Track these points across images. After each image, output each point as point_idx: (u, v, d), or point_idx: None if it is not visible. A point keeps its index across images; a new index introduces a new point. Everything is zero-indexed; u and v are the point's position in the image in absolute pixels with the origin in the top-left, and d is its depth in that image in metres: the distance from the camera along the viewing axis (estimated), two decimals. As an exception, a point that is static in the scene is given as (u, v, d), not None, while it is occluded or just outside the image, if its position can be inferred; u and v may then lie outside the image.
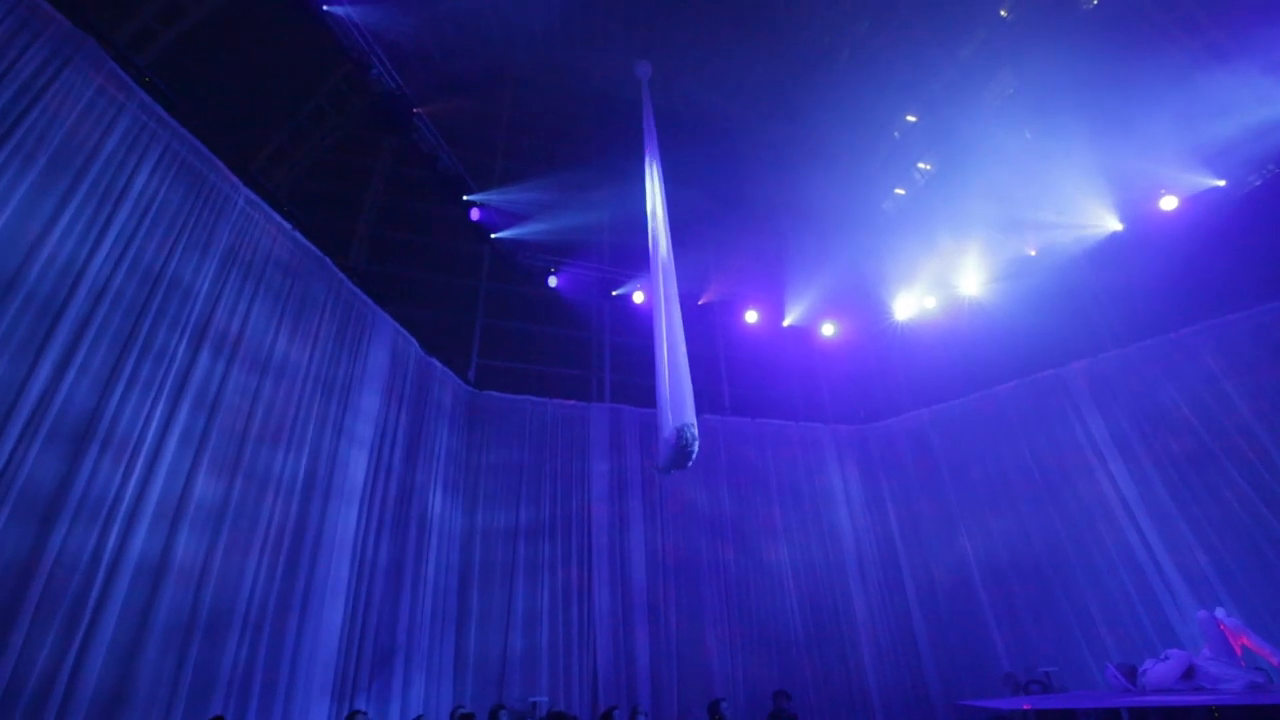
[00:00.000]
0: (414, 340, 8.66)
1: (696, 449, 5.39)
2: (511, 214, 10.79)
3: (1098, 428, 9.51)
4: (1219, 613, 6.42)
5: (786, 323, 12.32)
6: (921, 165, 13.20)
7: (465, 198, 10.40)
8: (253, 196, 6.66)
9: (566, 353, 11.17)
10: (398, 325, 8.40)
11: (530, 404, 9.83)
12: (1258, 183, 9.37)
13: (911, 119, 13.00)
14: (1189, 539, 8.26)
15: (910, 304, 12.16)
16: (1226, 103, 8.73)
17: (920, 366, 11.99)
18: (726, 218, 12.33)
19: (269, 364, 6.35)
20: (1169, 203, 9.86)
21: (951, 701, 8.89)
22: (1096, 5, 10.46)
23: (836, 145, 12.78)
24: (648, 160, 7.72)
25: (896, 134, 13.26)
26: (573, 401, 10.18)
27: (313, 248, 7.31)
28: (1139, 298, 9.95)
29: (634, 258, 11.70)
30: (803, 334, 12.57)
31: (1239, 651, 6.15)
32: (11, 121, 4.52)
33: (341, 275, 7.63)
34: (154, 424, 5.04)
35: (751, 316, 12.17)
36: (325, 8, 8.41)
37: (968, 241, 11.56)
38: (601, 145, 12.32)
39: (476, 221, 10.59)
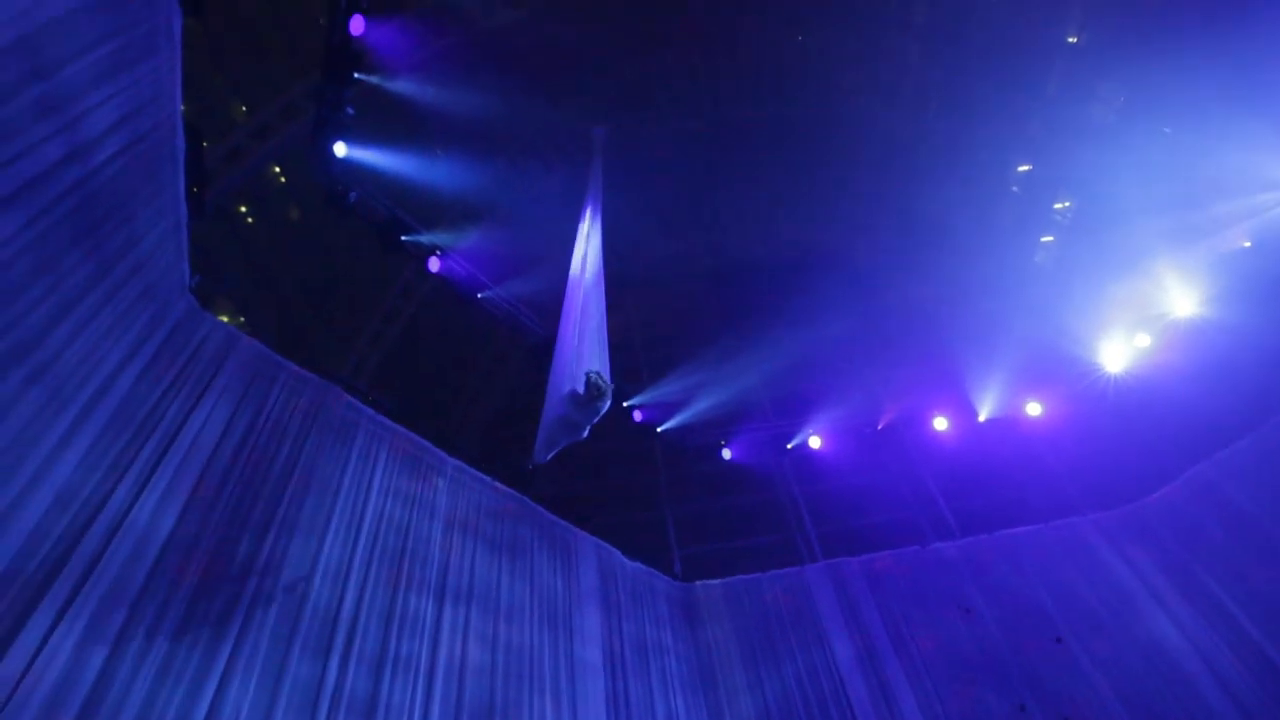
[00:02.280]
0: (616, 550, 8.90)
1: (608, 402, 4.83)
2: (669, 405, 11.35)
3: None
4: None
5: (982, 418, 11.08)
6: (1059, 205, 12.32)
7: (625, 404, 11.20)
8: (458, 463, 7.71)
9: (762, 519, 10.85)
10: (599, 540, 8.75)
11: (743, 583, 9.39)
12: None
13: (1024, 168, 12.48)
14: None
15: (1120, 350, 10.54)
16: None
17: (1167, 414, 9.98)
18: (877, 333, 11.98)
19: (499, 608, 6.82)
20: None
21: None
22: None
23: (958, 222, 12.37)
24: (589, 212, 7.65)
25: (1015, 188, 12.70)
26: (787, 570, 9.58)
27: (511, 491, 8.12)
28: None
29: (796, 406, 11.61)
30: (1006, 424, 11.14)
31: None
32: (282, 470, 5.76)
33: (539, 508, 8.29)
34: (419, 697, 5.47)
35: (941, 423, 11.14)
36: (479, 295, 10.25)
37: (1153, 263, 10.16)
38: (733, 311, 12.93)
39: (641, 422, 11.23)
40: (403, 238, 9.34)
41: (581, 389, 4.82)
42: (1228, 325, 9.46)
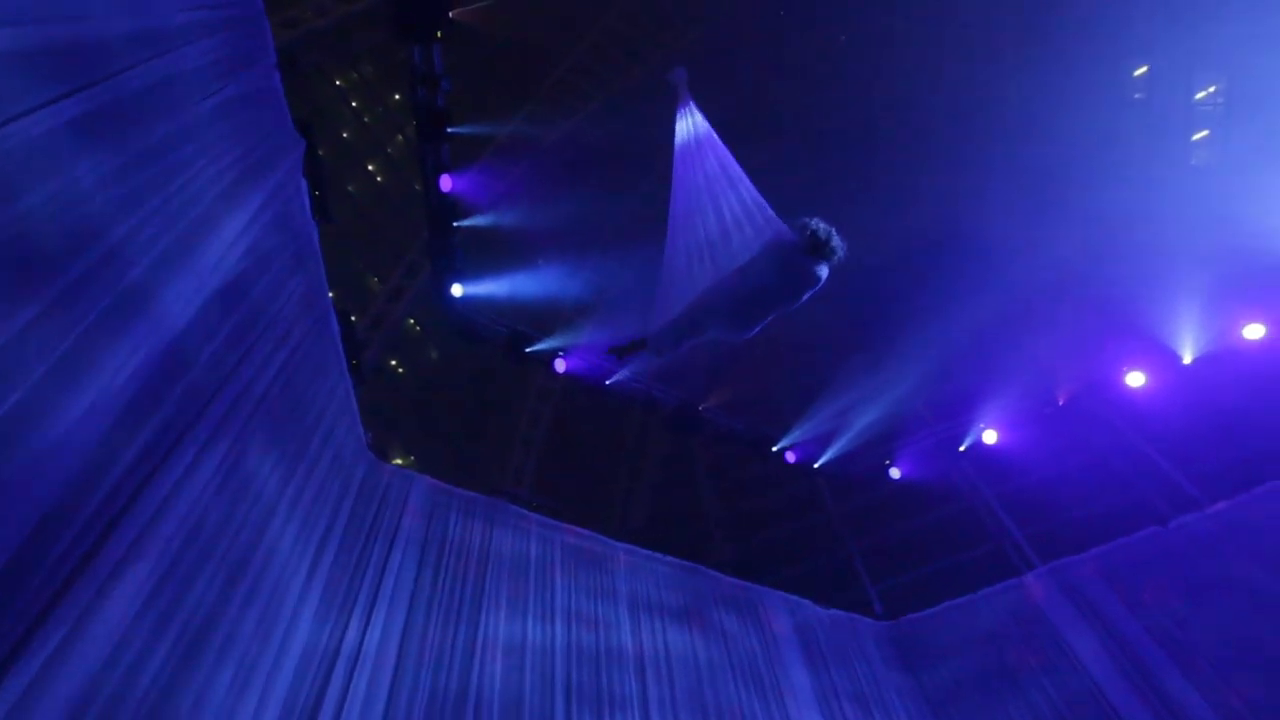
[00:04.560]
0: (805, 600, 8.50)
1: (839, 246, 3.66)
2: (820, 439, 10.92)
3: None
4: None
5: (1187, 359, 9.34)
6: (1201, 94, 10.74)
7: (774, 449, 10.93)
8: (628, 546, 7.91)
9: (958, 534, 9.84)
10: (785, 594, 8.42)
11: (957, 609, 8.45)
12: None
13: (1141, 71, 11.13)
14: None
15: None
16: None
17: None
18: (1025, 304, 10.75)
19: (701, 677, 6.73)
20: None
21: None
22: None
23: (1083, 160, 11.03)
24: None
25: (1138, 95, 11.30)
26: (1004, 584, 8.51)
27: (686, 562, 8.13)
28: None
29: (957, 404, 10.66)
30: (1222, 359, 9.19)
31: None
32: (473, 590, 6.25)
33: (717, 574, 8.20)
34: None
35: (1136, 379, 9.56)
36: (607, 382, 10.71)
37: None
38: (857, 333, 12.36)
39: (796, 463, 10.88)
40: (527, 349, 10.11)
41: (796, 236, 3.72)
42: None
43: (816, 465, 10.87)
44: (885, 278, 12.57)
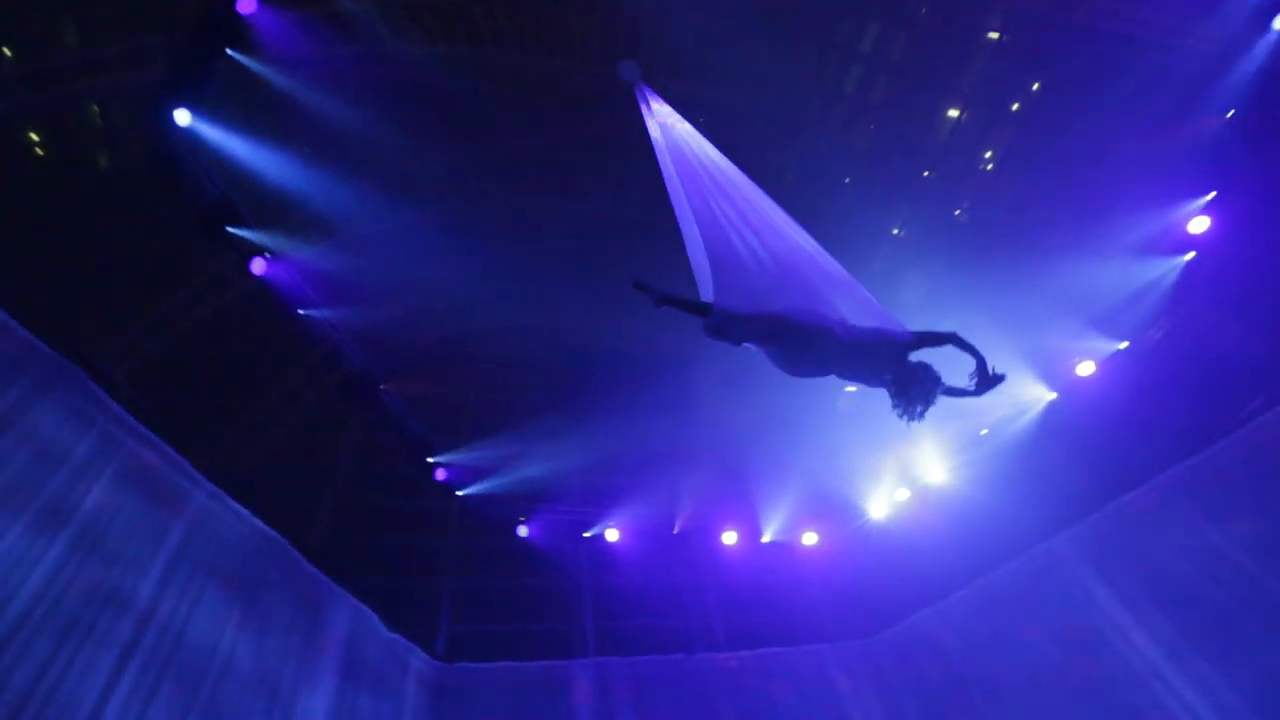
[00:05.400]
0: (374, 616, 8.14)
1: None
2: (479, 469, 10.97)
3: (1106, 596, 9.05)
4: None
5: (766, 539, 12.03)
6: (857, 376, 14.23)
7: (429, 460, 10.64)
8: (214, 489, 6.74)
9: (544, 606, 10.54)
10: (358, 603, 7.96)
11: (504, 671, 8.93)
12: (1158, 335, 10.33)
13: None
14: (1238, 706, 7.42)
15: (883, 501, 12.15)
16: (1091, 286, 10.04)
17: (910, 565, 11.54)
18: (693, 440, 12.51)
19: (216, 651, 5.87)
20: (1086, 368, 10.66)
21: None
22: (966, 218, 12.47)
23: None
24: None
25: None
26: (553, 662, 9.29)
27: (273, 533, 7.22)
28: (1098, 456, 10.17)
29: (605, 496, 11.74)
30: (784, 549, 12.19)
31: None
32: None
33: (299, 555, 7.44)
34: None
35: (730, 538, 11.90)
36: (301, 311, 9.45)
37: (919, 434, 12.01)
38: (567, 391, 12.95)
39: (443, 481, 10.70)
40: (229, 227, 8.49)
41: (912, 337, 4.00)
42: (962, 493, 11.36)
43: (460, 493, 10.83)
44: (609, 366, 13.53)
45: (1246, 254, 8.92)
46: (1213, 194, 9.20)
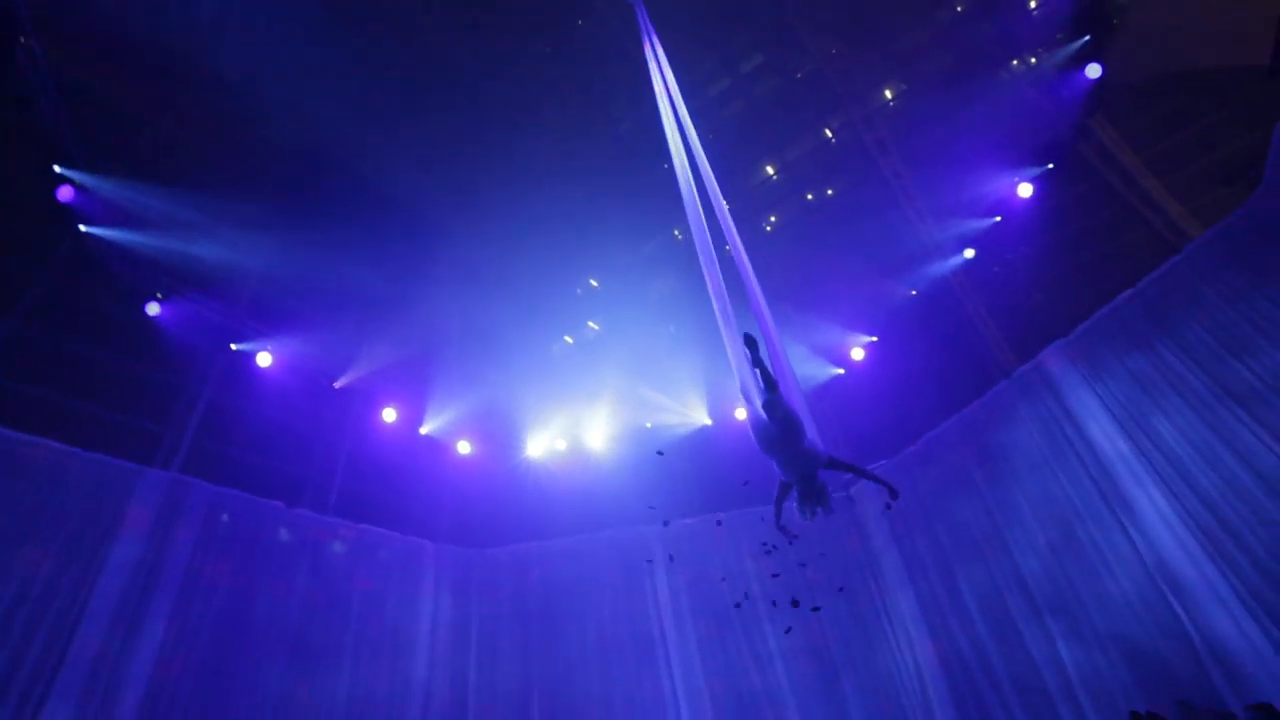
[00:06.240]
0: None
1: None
2: (126, 213, 8.64)
3: (663, 588, 11.20)
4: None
5: (424, 430, 11.95)
6: (592, 324, 15.03)
7: (56, 167, 8.05)
8: None
9: (143, 399, 8.77)
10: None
11: (49, 450, 7.18)
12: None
13: (594, 283, 14.92)
14: (704, 686, 9.99)
15: (544, 443, 13.07)
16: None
17: (539, 502, 12.68)
18: (390, 302, 11.56)
19: None
20: (741, 413, 12.93)
21: None
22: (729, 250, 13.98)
23: (525, 279, 13.63)
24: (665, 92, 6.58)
25: (579, 291, 14.96)
26: (125, 462, 7.79)
27: None
28: (709, 483, 12.42)
29: (277, 317, 10.31)
30: (436, 447, 12.27)
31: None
32: None
33: None
34: None
35: (389, 414, 11.53)
36: None
37: (603, 402, 13.22)
38: (286, 180, 10.87)
39: (67, 203, 8.21)
40: None
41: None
42: (608, 463, 12.88)
43: (84, 228, 8.41)
44: (374, 181, 11.63)
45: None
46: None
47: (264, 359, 9.91)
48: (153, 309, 9.07)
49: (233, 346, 9.73)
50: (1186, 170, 8.90)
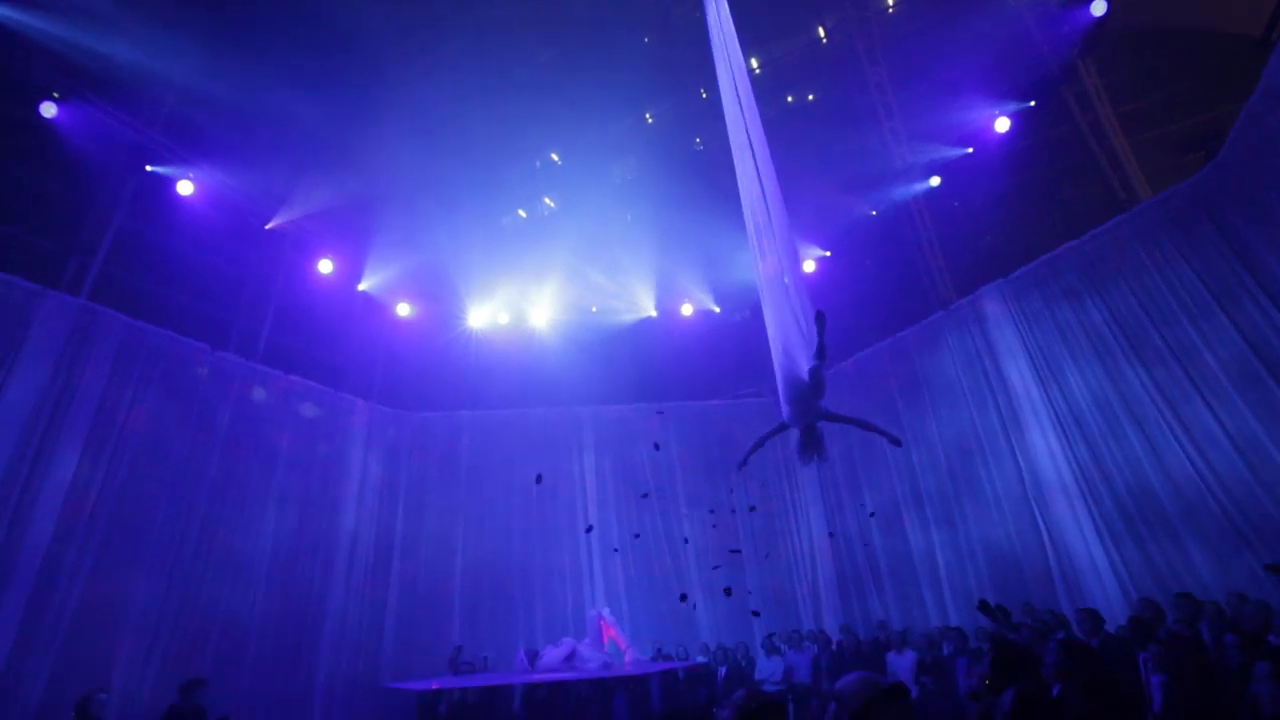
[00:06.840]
0: None
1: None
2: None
3: (590, 469, 11.75)
4: (603, 611, 8.69)
5: (362, 286, 11.45)
6: (548, 200, 14.40)
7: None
8: None
9: (45, 213, 7.87)
10: None
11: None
12: (738, 317, 13.32)
13: (555, 158, 14.12)
14: (619, 564, 10.87)
15: (486, 314, 12.86)
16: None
17: (476, 372, 12.69)
18: (332, 143, 10.47)
19: None
20: (687, 309, 13.12)
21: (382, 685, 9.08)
22: (702, 147, 13.51)
23: (483, 143, 12.65)
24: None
25: (539, 163, 14.16)
26: (28, 283, 7.07)
27: None
28: (653, 373, 12.75)
29: (204, 140, 9.23)
30: (374, 305, 11.84)
31: (605, 641, 8.25)
32: None
33: None
34: None
35: (325, 265, 10.92)
36: None
37: (550, 280, 12.99)
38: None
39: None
40: None
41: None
42: (550, 341, 12.92)
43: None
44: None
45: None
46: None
47: (185, 187, 8.99)
48: (48, 109, 7.90)
49: (148, 168, 8.73)
50: (1154, 132, 9.07)
